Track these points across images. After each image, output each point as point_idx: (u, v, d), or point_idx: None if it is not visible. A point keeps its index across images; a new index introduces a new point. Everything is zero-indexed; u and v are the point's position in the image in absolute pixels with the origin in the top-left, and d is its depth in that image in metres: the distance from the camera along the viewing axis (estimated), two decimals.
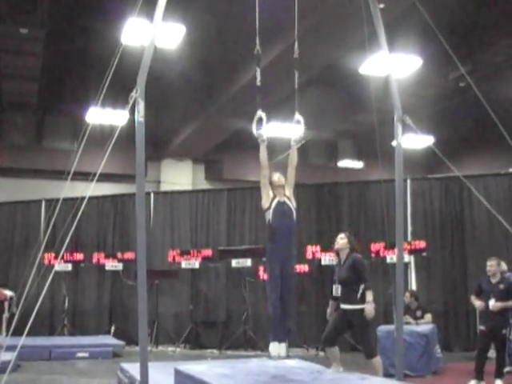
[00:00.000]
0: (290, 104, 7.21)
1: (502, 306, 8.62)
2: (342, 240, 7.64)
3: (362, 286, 7.24)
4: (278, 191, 6.63)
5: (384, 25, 7.20)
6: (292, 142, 6.94)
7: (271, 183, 6.66)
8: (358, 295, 7.23)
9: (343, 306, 7.38)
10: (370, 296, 7.15)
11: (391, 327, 7.87)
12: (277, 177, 6.68)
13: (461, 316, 12.74)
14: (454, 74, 15.29)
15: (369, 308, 7.13)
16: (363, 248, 10.30)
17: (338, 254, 7.69)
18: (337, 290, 7.49)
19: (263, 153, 6.63)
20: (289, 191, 6.74)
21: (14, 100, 18.59)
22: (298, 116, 7.01)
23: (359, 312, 7.23)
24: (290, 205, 6.63)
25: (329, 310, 7.62)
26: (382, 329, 9.72)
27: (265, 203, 6.58)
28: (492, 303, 8.68)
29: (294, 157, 6.88)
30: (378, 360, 7.31)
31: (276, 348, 6.38)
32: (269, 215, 6.49)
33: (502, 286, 8.76)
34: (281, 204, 6.55)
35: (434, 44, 10.26)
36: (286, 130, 17.94)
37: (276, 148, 13.65)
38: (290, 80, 7.05)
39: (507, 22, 13.49)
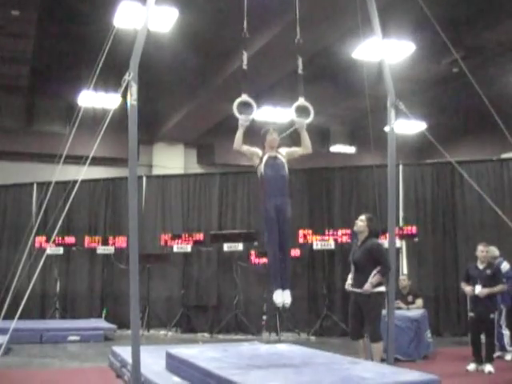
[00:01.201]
0: (281, 89, 7.19)
1: (488, 292, 8.68)
2: (361, 222, 7.67)
3: (374, 271, 7.31)
4: (269, 149, 6.40)
5: (377, 10, 7.18)
6: (298, 128, 6.57)
7: (264, 140, 6.39)
8: (369, 279, 7.29)
9: (354, 289, 7.46)
10: (375, 279, 7.28)
11: (382, 312, 7.91)
12: (272, 138, 6.38)
13: (451, 301, 12.84)
14: (447, 60, 15.28)
15: (365, 286, 7.27)
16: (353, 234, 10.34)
17: (356, 234, 7.76)
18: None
19: (240, 137, 6.31)
20: (283, 152, 6.46)
21: (5, 82, 18.44)
22: (302, 101, 6.79)
23: (367, 295, 7.30)
24: (282, 159, 6.36)
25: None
26: None
27: (255, 161, 6.37)
28: (478, 289, 8.74)
29: (307, 143, 6.49)
30: (379, 346, 7.36)
31: (280, 295, 6.10)
32: (261, 169, 6.28)
33: (488, 272, 8.82)
34: (272, 158, 6.32)
35: (428, 29, 10.26)
36: (277, 114, 17.95)
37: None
38: (282, 65, 7.04)
39: (500, 9, 13.46)
